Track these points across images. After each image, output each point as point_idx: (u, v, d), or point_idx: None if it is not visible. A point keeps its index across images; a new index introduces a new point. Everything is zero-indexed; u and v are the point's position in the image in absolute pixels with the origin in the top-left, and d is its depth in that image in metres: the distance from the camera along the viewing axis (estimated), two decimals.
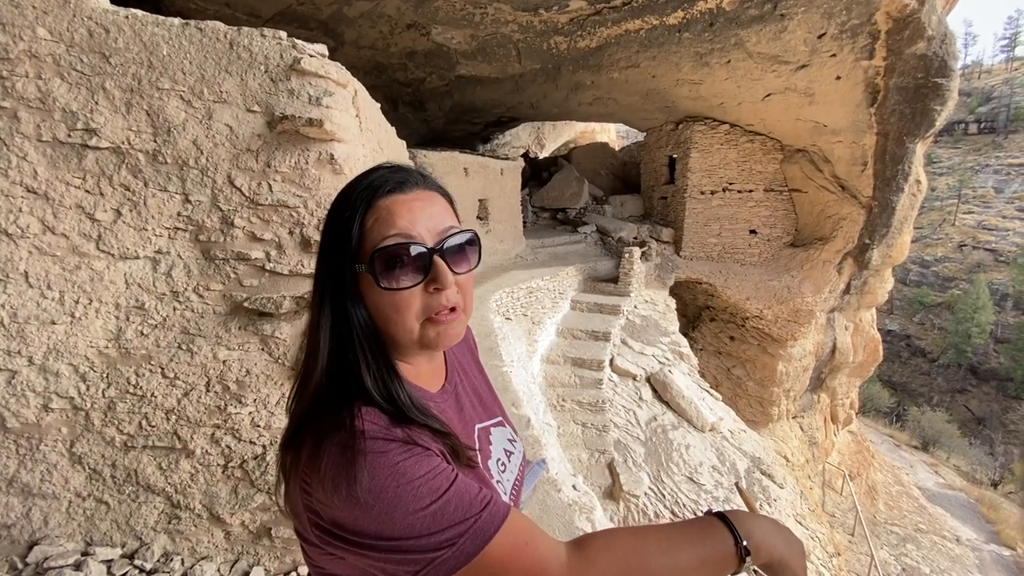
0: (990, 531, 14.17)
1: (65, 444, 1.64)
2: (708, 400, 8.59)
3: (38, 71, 1.44)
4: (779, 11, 8.07)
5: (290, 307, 1.64)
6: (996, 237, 37.02)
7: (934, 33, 8.35)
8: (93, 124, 1.47)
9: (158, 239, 1.59)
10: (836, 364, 12.72)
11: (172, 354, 1.65)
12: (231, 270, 1.63)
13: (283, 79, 1.52)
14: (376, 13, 8.63)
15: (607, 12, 8.45)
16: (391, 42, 9.64)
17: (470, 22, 8.71)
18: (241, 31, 1.51)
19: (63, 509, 1.67)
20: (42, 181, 1.49)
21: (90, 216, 1.53)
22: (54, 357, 1.59)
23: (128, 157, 1.52)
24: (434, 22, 8.80)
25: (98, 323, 1.60)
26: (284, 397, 1.72)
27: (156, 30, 1.47)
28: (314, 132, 1.51)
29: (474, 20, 8.63)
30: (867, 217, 10.79)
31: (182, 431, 1.71)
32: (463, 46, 9.68)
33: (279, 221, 1.60)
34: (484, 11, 8.34)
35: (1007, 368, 31.59)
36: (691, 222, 12.18)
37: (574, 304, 9.56)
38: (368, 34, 9.39)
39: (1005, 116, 43.76)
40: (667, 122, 13.01)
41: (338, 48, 9.87)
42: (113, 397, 1.64)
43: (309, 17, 8.77)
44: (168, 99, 1.50)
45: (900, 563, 11.26)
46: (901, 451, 19.92)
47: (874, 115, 9.58)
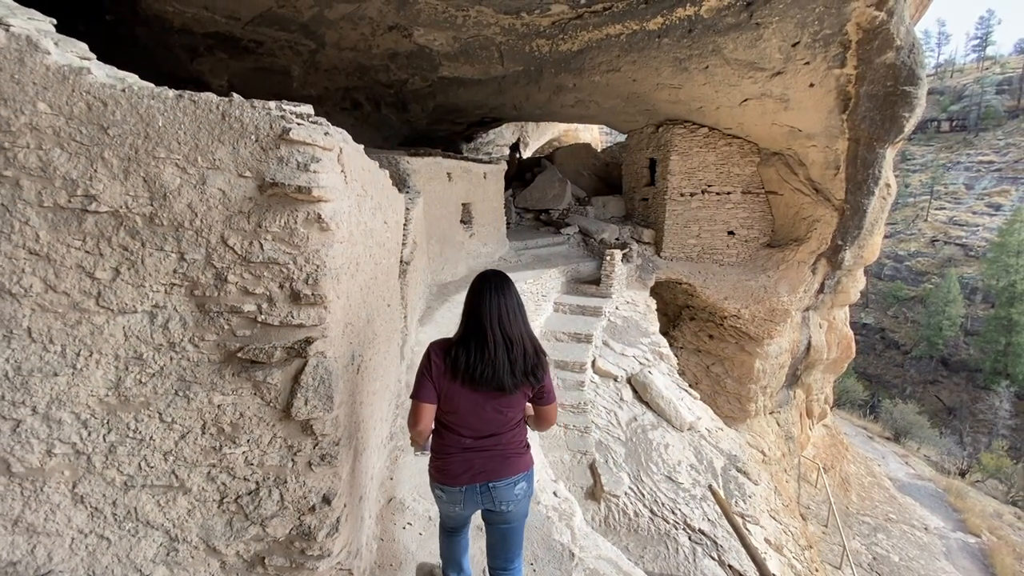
0: (957, 519, 14.78)
1: (68, 486, 1.74)
2: (687, 400, 8.84)
3: (39, 142, 1.52)
4: (755, 20, 8.27)
5: (281, 356, 1.75)
6: (967, 233, 38.17)
7: (903, 43, 8.63)
8: (92, 190, 1.56)
9: (155, 294, 1.69)
10: (811, 361, 13.12)
11: (169, 400, 1.75)
12: (224, 322, 1.73)
13: (273, 147, 1.62)
14: (358, 15, 8.60)
15: (588, 16, 8.55)
16: (373, 44, 9.61)
17: (452, 24, 8.74)
18: (232, 102, 1.61)
19: (66, 546, 1.77)
20: (44, 244, 1.58)
21: (90, 275, 1.63)
22: (57, 406, 1.68)
23: (126, 220, 1.61)
24: (416, 24, 8.81)
25: (99, 373, 1.70)
26: (275, 437, 1.83)
27: (152, 102, 1.56)
28: (303, 197, 1.62)
29: (456, 22, 8.67)
30: (840, 219, 11.13)
31: (179, 470, 1.81)
32: (445, 48, 9.70)
33: (270, 277, 1.71)
34: (466, 13, 8.38)
35: (976, 360, 32.71)
36: (671, 223, 12.41)
37: (557, 306, 9.72)
38: (350, 36, 9.35)
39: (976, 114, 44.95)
40: (648, 125, 13.20)
41: (319, 50, 9.83)
42: (114, 441, 1.74)
43: (290, 20, 8.72)
44: (164, 166, 1.59)
45: (871, 552, 11.74)
46: (874, 443, 20.57)
47: (846, 121, 9.88)
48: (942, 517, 14.70)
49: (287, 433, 1.87)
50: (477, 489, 2.02)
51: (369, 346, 2.67)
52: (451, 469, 2.02)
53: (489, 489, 2.01)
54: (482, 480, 2.01)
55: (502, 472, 2.01)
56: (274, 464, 1.88)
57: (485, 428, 2.00)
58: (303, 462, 1.90)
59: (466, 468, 2.01)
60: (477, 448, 2.01)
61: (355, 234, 2.23)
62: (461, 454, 2.01)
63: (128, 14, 8.19)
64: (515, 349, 1.92)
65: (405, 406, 4.23)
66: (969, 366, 32.96)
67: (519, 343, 1.93)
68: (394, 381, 4.01)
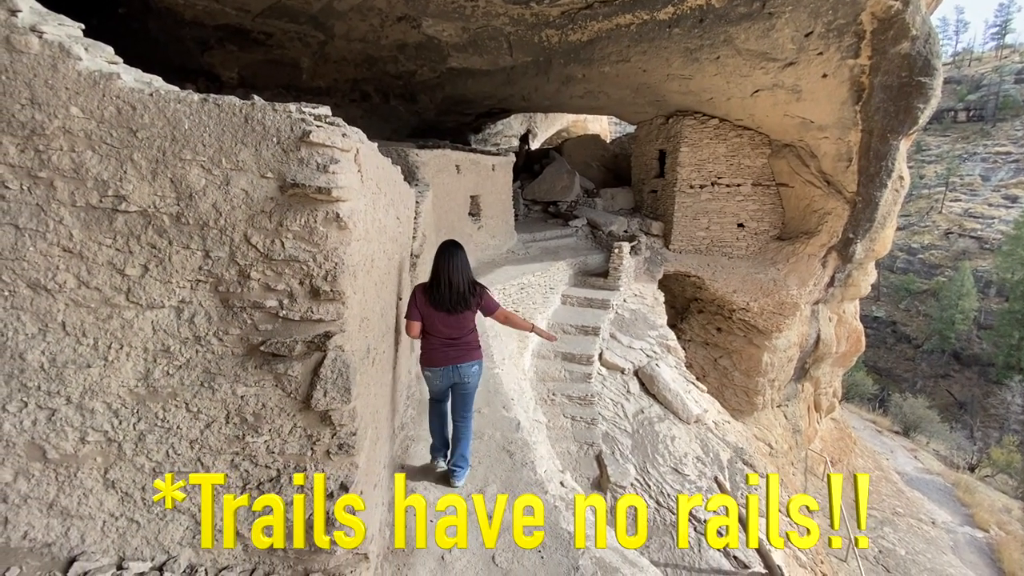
0: (965, 514, 14.75)
1: (100, 471, 1.83)
2: (694, 392, 8.89)
3: (72, 145, 1.59)
4: (767, 9, 8.18)
5: (301, 350, 1.82)
6: (982, 225, 37.58)
7: (918, 33, 8.52)
8: (122, 191, 1.63)
9: (181, 290, 1.76)
10: (820, 355, 13.08)
11: (195, 391, 1.84)
12: (248, 317, 1.81)
13: (293, 150, 1.68)
14: (367, 6, 8.60)
15: (598, 6, 8.49)
16: (382, 35, 9.61)
17: (461, 15, 8.72)
18: (255, 106, 1.67)
19: (98, 528, 1.87)
20: (77, 242, 1.65)
21: (120, 272, 1.70)
22: (90, 396, 1.77)
23: (154, 219, 1.68)
24: (425, 15, 8.79)
25: (128, 365, 1.78)
26: (296, 427, 1.91)
27: (178, 106, 1.62)
28: (323, 197, 1.68)
29: (465, 13, 8.64)
30: (851, 212, 11.04)
31: (205, 458, 1.90)
32: (454, 39, 9.69)
33: (291, 273, 1.78)
34: (475, 4, 8.35)
35: (989, 354, 32.36)
36: (680, 216, 12.38)
37: (564, 299, 9.77)
38: (359, 27, 9.36)
39: (994, 104, 44.01)
40: (657, 116, 13.13)
41: (328, 41, 9.86)
42: (143, 430, 1.83)
43: (299, 11, 8.74)
44: (190, 168, 1.65)
45: (877, 545, 11.76)
46: (883, 437, 20.51)
47: (859, 112, 9.77)
48: (950, 512, 14.68)
49: (307, 423, 1.95)
50: (450, 369, 3.20)
51: (383, 338, 2.74)
52: (435, 358, 3.20)
53: (457, 368, 3.20)
54: (453, 363, 3.19)
55: (464, 359, 3.21)
56: (294, 452, 1.96)
57: (450, 333, 3.16)
58: (322, 451, 1.98)
59: (443, 357, 3.18)
60: (448, 345, 3.18)
61: (370, 231, 2.29)
62: (440, 349, 3.18)
63: (140, 7, 8.26)
64: (455, 288, 3.08)
65: (415, 396, 4.35)
66: (982, 360, 32.63)
67: (457, 284, 3.08)
68: (405, 372, 4.09)
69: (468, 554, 2.81)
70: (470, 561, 2.78)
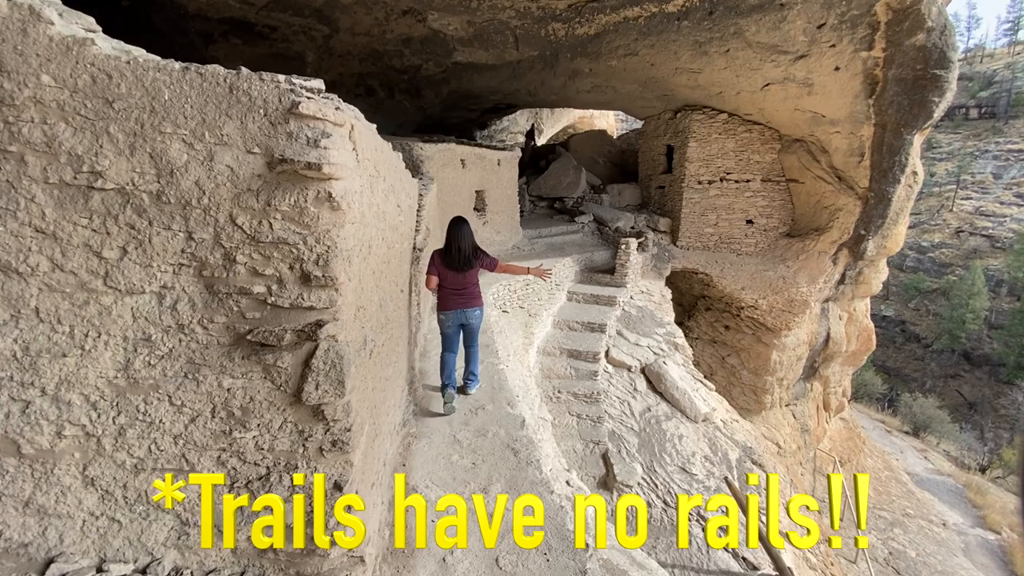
0: (976, 516, 14.50)
1: (78, 468, 1.72)
2: (701, 391, 8.73)
3: (44, 116, 1.47)
4: (779, 0, 8.00)
5: (291, 339, 1.70)
6: (993, 223, 37.03)
7: (933, 24, 8.31)
8: (98, 167, 1.52)
9: (163, 275, 1.65)
10: (829, 353, 12.88)
11: (179, 383, 1.72)
12: (234, 303, 1.69)
13: (282, 122, 1.56)
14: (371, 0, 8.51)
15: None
16: (387, 28, 9.49)
17: (467, 8, 8.59)
18: (240, 75, 1.55)
19: (77, 528, 1.76)
20: (50, 222, 1.54)
21: (97, 254, 1.59)
22: (66, 387, 1.66)
23: (133, 198, 1.57)
24: (430, 8, 8.68)
25: (107, 355, 1.67)
26: (286, 422, 1.80)
27: (157, 75, 1.50)
28: (313, 174, 1.56)
29: (471, 6, 8.51)
30: (863, 208, 10.83)
31: (189, 454, 1.79)
32: (460, 32, 9.56)
33: (279, 257, 1.66)
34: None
35: (1000, 354, 31.89)
36: (688, 212, 12.21)
37: (570, 295, 9.63)
38: (363, 20, 9.25)
39: (1006, 101, 43.35)
40: (665, 110, 12.94)
41: (333, 35, 9.75)
42: (123, 424, 1.72)
43: (303, 4, 8.64)
44: (171, 142, 1.54)
45: (887, 547, 11.57)
46: (892, 437, 20.24)
47: (872, 106, 9.57)
48: (961, 513, 14.43)
49: (298, 418, 1.83)
50: (459, 312, 4.14)
51: (382, 331, 2.62)
52: (448, 304, 4.14)
53: (464, 312, 4.14)
54: (460, 307, 4.14)
55: (469, 304, 4.16)
56: (285, 449, 1.85)
57: (459, 286, 4.10)
58: (314, 447, 1.86)
59: (453, 303, 4.13)
60: (457, 295, 4.12)
61: (367, 215, 2.17)
62: (451, 297, 4.12)
63: (144, 0, 8.18)
64: (463, 252, 4.02)
65: (418, 392, 4.30)
66: (992, 360, 32.14)
67: (464, 249, 4.01)
68: (406, 368, 3.98)
69: (470, 555, 2.70)
70: (472, 563, 2.66)
